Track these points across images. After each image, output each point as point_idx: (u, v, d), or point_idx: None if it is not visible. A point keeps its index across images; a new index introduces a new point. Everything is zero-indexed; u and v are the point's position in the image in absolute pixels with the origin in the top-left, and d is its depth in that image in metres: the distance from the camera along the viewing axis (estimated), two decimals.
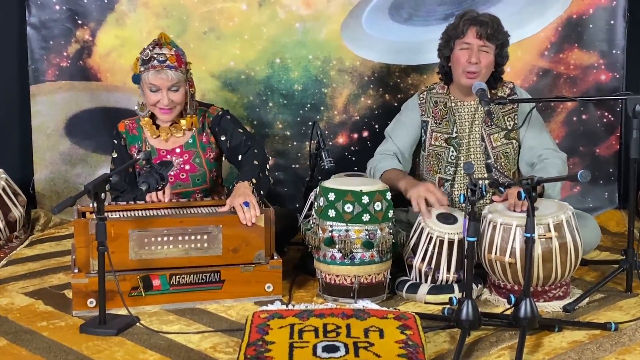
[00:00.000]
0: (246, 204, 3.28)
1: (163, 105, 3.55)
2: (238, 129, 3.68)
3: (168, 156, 3.65)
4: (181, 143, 3.68)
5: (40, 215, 4.54)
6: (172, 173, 3.60)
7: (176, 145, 3.68)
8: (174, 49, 3.56)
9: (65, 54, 4.57)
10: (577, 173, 2.79)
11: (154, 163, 3.33)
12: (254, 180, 3.42)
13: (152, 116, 3.68)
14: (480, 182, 2.89)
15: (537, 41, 4.58)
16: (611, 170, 4.70)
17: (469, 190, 2.86)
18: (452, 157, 3.68)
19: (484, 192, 2.92)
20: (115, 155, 3.71)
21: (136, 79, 3.57)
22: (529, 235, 2.86)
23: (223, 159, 3.80)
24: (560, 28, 4.56)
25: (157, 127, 3.67)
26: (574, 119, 4.65)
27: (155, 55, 3.50)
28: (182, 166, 3.66)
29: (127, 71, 4.53)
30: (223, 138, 3.67)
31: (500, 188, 3.00)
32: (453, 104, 3.70)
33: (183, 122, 3.64)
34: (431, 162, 3.73)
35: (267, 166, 3.57)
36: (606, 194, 4.71)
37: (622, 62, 4.58)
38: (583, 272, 3.66)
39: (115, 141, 3.71)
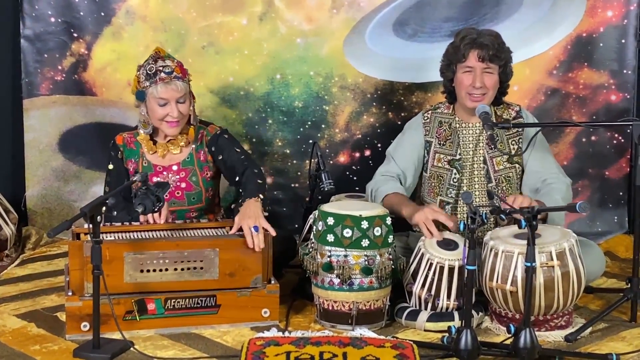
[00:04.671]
0: (255, 228, 3.37)
1: (172, 118, 3.64)
2: (235, 149, 3.77)
3: (164, 172, 3.75)
4: (178, 160, 3.77)
5: (31, 233, 4.60)
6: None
7: (173, 162, 3.77)
8: (175, 60, 3.68)
9: (60, 67, 4.63)
10: (576, 204, 2.89)
11: (150, 184, 3.41)
12: (261, 196, 3.52)
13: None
14: (480, 209, 2.99)
15: (546, 60, 4.63)
16: (621, 193, 4.74)
17: (468, 218, 2.97)
18: (455, 180, 3.75)
19: (485, 219, 3.02)
20: (111, 167, 3.79)
21: (141, 95, 3.64)
22: (529, 264, 2.96)
23: (221, 178, 3.89)
24: (570, 46, 4.62)
25: (154, 142, 3.78)
26: (583, 140, 4.70)
27: (160, 68, 3.61)
28: (178, 184, 3.76)
29: (123, 86, 4.62)
30: (220, 157, 3.76)
31: (501, 215, 3.11)
32: (458, 125, 3.78)
33: (180, 137, 3.75)
34: (433, 184, 3.80)
35: (266, 188, 3.67)
36: (615, 217, 4.75)
37: (633, 82, 4.63)
38: (588, 300, 3.73)
39: (112, 153, 3.80)
